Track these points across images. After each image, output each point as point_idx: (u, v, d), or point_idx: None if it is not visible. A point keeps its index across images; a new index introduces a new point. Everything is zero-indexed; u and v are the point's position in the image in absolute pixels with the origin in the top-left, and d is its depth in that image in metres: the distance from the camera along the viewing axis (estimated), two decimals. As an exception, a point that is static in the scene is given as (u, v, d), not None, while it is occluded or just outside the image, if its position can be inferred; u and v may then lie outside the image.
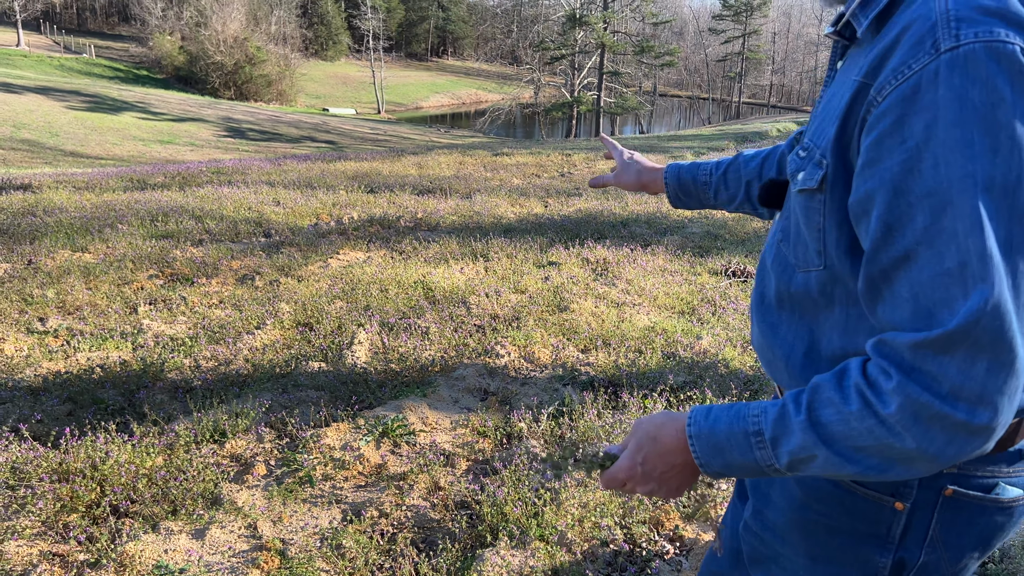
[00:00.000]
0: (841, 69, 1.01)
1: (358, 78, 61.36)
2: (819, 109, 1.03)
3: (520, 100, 46.04)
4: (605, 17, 38.75)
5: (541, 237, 6.91)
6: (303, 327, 4.45)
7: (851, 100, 0.88)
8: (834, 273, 0.97)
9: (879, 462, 0.84)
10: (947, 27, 0.79)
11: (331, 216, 7.85)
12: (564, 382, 3.74)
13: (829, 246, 0.95)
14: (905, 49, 0.82)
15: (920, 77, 0.79)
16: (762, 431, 0.91)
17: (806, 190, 0.96)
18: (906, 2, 0.88)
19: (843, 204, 0.92)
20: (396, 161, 14.11)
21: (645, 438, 1.04)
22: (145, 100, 36.47)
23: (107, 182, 10.32)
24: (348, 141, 31.90)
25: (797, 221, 1.01)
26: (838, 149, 0.91)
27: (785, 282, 1.06)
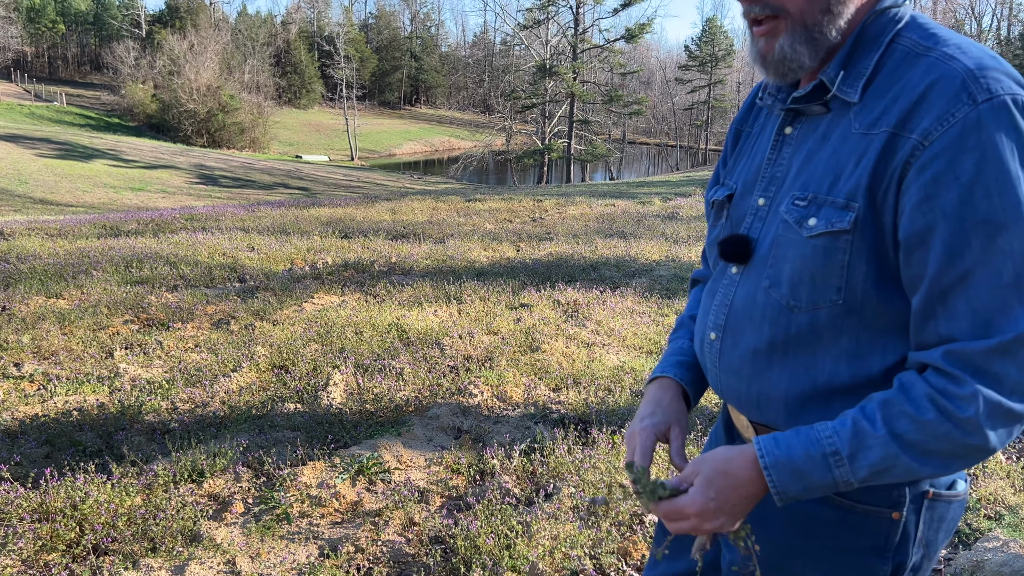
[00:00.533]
0: (814, 132, 1.12)
1: (331, 126, 61.85)
2: (797, 164, 1.12)
3: (492, 147, 46.60)
4: (574, 68, 39.61)
5: (513, 280, 7.05)
6: (279, 370, 4.51)
7: (883, 148, 1.00)
8: (851, 305, 1.06)
9: (946, 460, 0.98)
10: (977, 84, 0.96)
11: (305, 261, 7.94)
12: (536, 420, 3.84)
13: (854, 280, 1.04)
14: (943, 101, 0.96)
15: (964, 124, 0.94)
16: (839, 450, 1.00)
17: (830, 232, 1.04)
18: (886, 70, 1.05)
19: (873, 240, 1.03)
20: (370, 207, 14.26)
21: (714, 473, 1.07)
22: (116, 148, 36.45)
23: (80, 229, 10.34)
24: (321, 188, 32.05)
25: (803, 265, 1.07)
26: (869, 193, 1.02)
27: (783, 326, 1.11)
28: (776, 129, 1.19)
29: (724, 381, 1.24)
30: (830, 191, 1.05)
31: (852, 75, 1.07)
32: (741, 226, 1.21)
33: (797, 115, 1.16)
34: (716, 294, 1.25)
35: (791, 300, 1.10)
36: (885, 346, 1.07)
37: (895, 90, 1.02)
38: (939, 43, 1.03)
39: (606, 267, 7.93)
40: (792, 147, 1.15)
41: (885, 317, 1.07)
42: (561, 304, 6.20)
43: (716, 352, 1.23)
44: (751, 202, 1.20)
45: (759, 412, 1.20)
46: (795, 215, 1.08)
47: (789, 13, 1.06)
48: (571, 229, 11.11)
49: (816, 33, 1.07)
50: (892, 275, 1.04)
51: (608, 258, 8.45)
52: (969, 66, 0.97)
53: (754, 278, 1.16)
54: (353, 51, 63.88)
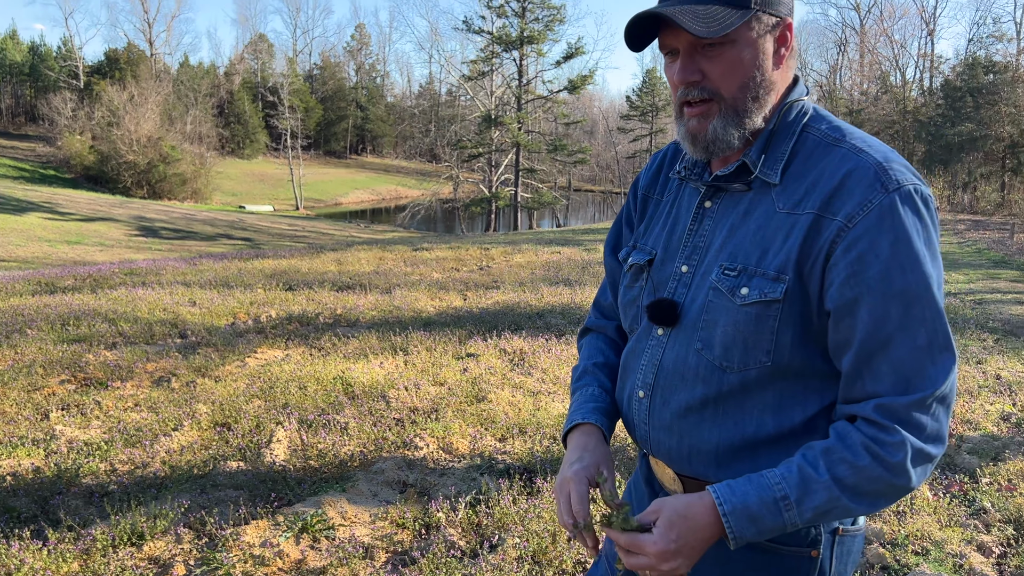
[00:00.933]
0: (735, 207, 1.24)
1: (276, 175, 61.50)
2: (721, 236, 1.23)
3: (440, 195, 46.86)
4: (519, 118, 40.33)
5: (460, 330, 7.09)
6: (221, 427, 4.46)
7: (808, 228, 1.13)
8: (778, 365, 1.17)
9: (875, 500, 1.12)
10: (887, 175, 1.11)
11: (248, 315, 7.87)
12: (482, 471, 3.87)
13: (782, 343, 1.16)
14: (860, 189, 1.10)
15: (880, 209, 1.09)
16: (788, 495, 1.10)
17: (763, 301, 1.15)
18: (801, 156, 1.19)
19: (799, 308, 1.15)
20: (315, 258, 14.20)
21: (676, 517, 1.13)
22: (52, 200, 35.64)
23: (13, 286, 10.07)
24: (266, 238, 31.75)
25: (735, 330, 1.18)
26: (797, 267, 1.14)
27: (715, 385, 1.21)
28: (697, 203, 1.30)
29: (654, 437, 1.31)
30: (759, 263, 1.17)
31: (772, 159, 1.20)
32: (664, 290, 1.30)
33: (717, 191, 1.28)
34: (642, 354, 1.33)
35: (723, 361, 1.20)
36: (805, 399, 1.20)
37: (813, 175, 1.16)
38: (846, 135, 1.18)
39: (552, 315, 8.04)
40: (713, 220, 1.27)
41: (806, 374, 1.19)
42: (507, 353, 6.27)
43: (645, 410, 1.31)
44: (674, 268, 1.30)
45: (689, 466, 1.28)
46: (727, 284, 1.19)
47: (724, 99, 1.19)
48: (518, 277, 11.24)
49: (746, 118, 1.19)
50: (813, 337, 1.17)
51: (554, 306, 8.56)
52: (878, 159, 1.13)
53: (684, 340, 1.25)
54: (298, 101, 63.90)
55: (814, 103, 1.27)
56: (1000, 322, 7.88)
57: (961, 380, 5.54)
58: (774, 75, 1.20)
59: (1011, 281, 11.13)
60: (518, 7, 40.59)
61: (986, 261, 13.77)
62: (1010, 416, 4.78)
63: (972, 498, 3.61)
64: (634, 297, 1.37)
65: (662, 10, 1.13)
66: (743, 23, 1.14)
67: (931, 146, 36.19)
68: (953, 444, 4.31)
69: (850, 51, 50.63)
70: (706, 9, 1.13)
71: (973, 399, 5.12)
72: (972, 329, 7.39)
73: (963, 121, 34.37)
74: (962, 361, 6.14)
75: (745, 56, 1.17)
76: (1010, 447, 4.24)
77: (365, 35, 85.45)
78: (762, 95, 1.19)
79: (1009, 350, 6.63)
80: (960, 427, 4.59)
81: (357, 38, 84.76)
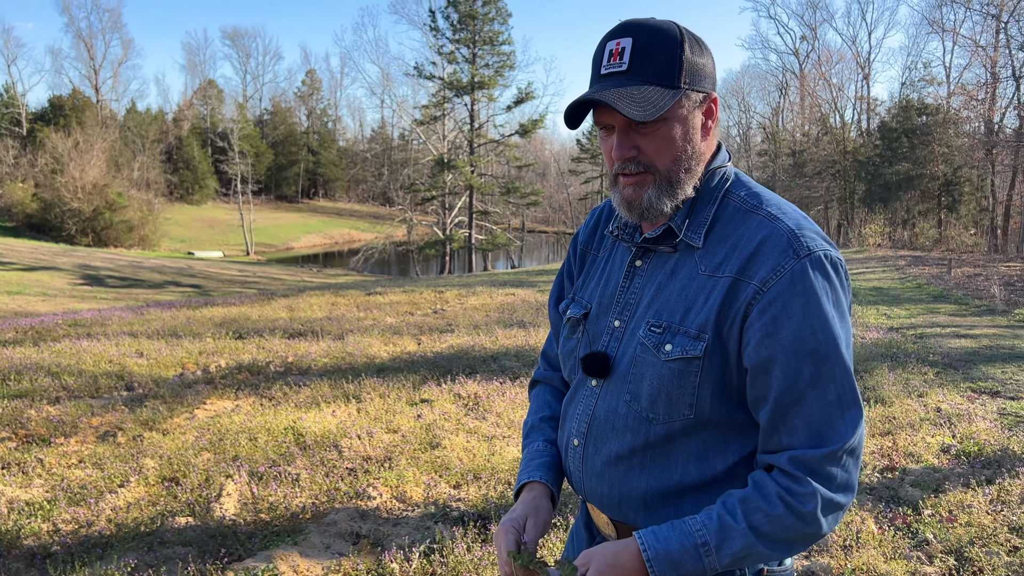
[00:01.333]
0: (662, 267, 1.31)
1: (226, 220, 60.81)
2: (649, 294, 1.30)
3: (393, 238, 46.78)
4: (472, 161, 40.68)
5: (414, 375, 7.07)
6: (169, 482, 4.37)
7: (727, 290, 1.21)
8: (700, 418, 1.24)
9: (789, 546, 1.19)
10: (798, 242, 1.19)
11: (197, 365, 7.74)
12: (436, 519, 3.85)
13: (703, 397, 1.23)
14: (774, 256, 1.19)
15: (792, 274, 1.17)
16: (708, 542, 1.17)
17: (685, 358, 1.23)
18: (722, 221, 1.27)
19: (719, 365, 1.22)
20: (266, 304, 14.04)
21: (604, 565, 1.20)
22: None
23: (-50, 339, 9.74)
24: (215, 284, 31.27)
25: (660, 384, 1.26)
26: (716, 327, 1.21)
27: (642, 435, 1.28)
28: (628, 261, 1.38)
29: (588, 484, 1.38)
30: (682, 322, 1.25)
31: (696, 223, 1.29)
32: (598, 343, 1.38)
33: (647, 251, 1.35)
34: (577, 404, 1.40)
35: (650, 413, 1.27)
36: (727, 449, 1.27)
37: (732, 240, 1.25)
38: (763, 203, 1.27)
39: (506, 357, 8.07)
40: (643, 278, 1.35)
41: (726, 425, 1.26)
42: (462, 397, 6.26)
43: (579, 457, 1.38)
44: (607, 322, 1.37)
45: (620, 512, 1.34)
46: (652, 340, 1.27)
47: (658, 171, 1.26)
48: (472, 320, 11.26)
49: (678, 188, 1.28)
50: (732, 392, 1.25)
51: (509, 348, 8.59)
52: (791, 226, 1.22)
53: (615, 392, 1.33)
54: (248, 146, 63.51)
55: (735, 168, 1.36)
56: (940, 355, 8.14)
57: (903, 414, 5.70)
58: (702, 146, 1.29)
59: (949, 315, 11.51)
60: (468, 53, 41.23)
61: (926, 296, 14.22)
62: (950, 448, 4.93)
63: (915, 530, 3.70)
64: (572, 348, 1.44)
65: (601, 97, 1.19)
66: (675, 102, 1.22)
67: (871, 185, 37.46)
68: (896, 477, 4.43)
69: (791, 94, 52.41)
70: (640, 92, 1.20)
71: (915, 432, 5.27)
72: (913, 363, 7.62)
73: (900, 161, 35.70)
74: (904, 395, 6.32)
75: (677, 132, 1.25)
76: (950, 478, 4.37)
77: (316, 80, 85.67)
78: (693, 166, 1.28)
79: (949, 383, 6.84)
80: (903, 460, 4.72)
81: (308, 83, 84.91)
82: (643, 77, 1.21)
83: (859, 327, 9.93)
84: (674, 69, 1.22)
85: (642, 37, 1.22)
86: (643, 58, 1.21)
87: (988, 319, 11.03)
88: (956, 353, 8.29)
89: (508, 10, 41.44)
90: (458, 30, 40.94)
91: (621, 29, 1.24)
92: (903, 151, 35.81)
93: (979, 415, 5.70)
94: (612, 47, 1.24)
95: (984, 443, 5.00)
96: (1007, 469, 4.48)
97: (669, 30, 1.23)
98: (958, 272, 18.93)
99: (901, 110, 37.75)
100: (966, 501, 4.01)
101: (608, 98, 1.19)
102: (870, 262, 23.20)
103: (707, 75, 1.26)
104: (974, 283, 16.37)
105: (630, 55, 1.22)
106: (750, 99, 58.08)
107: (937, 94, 39.56)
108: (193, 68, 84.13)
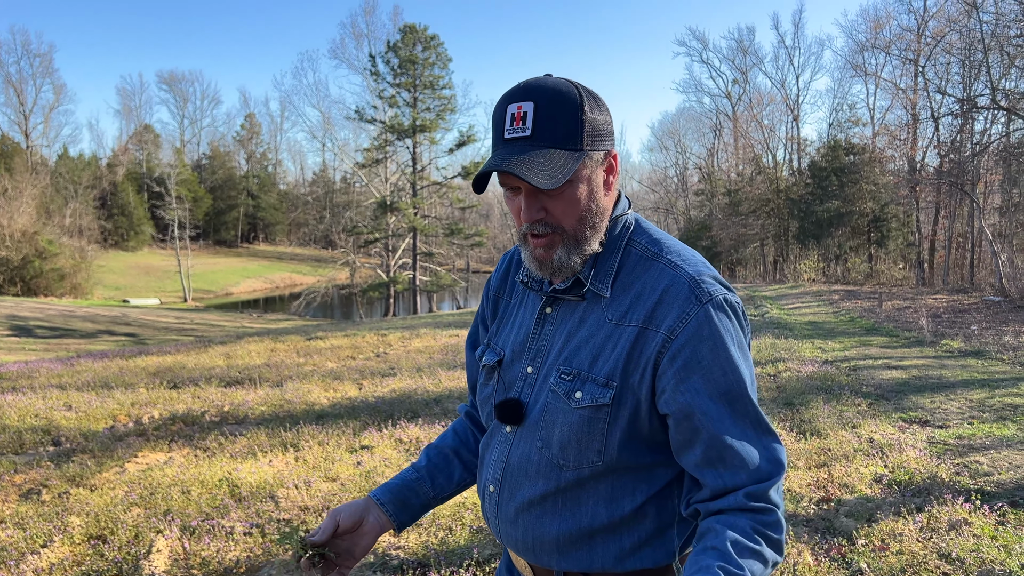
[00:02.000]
0: (572, 315, 1.34)
1: (162, 267, 59.47)
2: (560, 341, 1.33)
3: (336, 281, 46.33)
4: (415, 203, 40.72)
5: (354, 420, 6.96)
6: (96, 540, 4.19)
7: (635, 339, 1.24)
8: (608, 463, 1.26)
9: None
10: (699, 288, 1.23)
11: (130, 417, 7.49)
12: (375, 569, 3.76)
13: (611, 443, 1.25)
14: (679, 304, 1.22)
15: (697, 320, 1.21)
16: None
17: (594, 405, 1.25)
18: (626, 269, 1.31)
19: (628, 412, 1.24)
20: (203, 352, 13.70)
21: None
22: (-87, 301, 33.14)
23: None
24: (151, 333, 30.42)
25: (571, 431, 1.27)
26: (624, 374, 1.24)
27: (554, 480, 1.30)
28: (539, 309, 1.40)
29: (504, 529, 1.39)
30: (591, 369, 1.27)
31: (601, 273, 1.32)
32: (512, 389, 1.40)
33: (556, 299, 1.38)
34: (493, 450, 1.42)
35: (561, 459, 1.29)
36: (635, 490, 1.29)
37: (636, 288, 1.28)
38: (663, 250, 1.31)
39: (449, 400, 8.00)
40: (553, 325, 1.37)
41: (634, 469, 1.29)
42: (404, 442, 6.18)
43: (495, 503, 1.39)
44: (520, 369, 1.39)
45: (535, 556, 1.35)
46: (563, 388, 1.29)
47: (565, 231, 1.29)
48: (415, 363, 11.17)
49: (585, 245, 1.31)
50: (641, 437, 1.27)
51: (452, 390, 8.53)
52: (691, 273, 1.26)
53: (528, 438, 1.34)
54: (186, 191, 62.56)
55: (635, 213, 1.40)
56: (872, 387, 8.37)
57: (838, 445, 5.82)
58: (605, 201, 1.32)
59: (881, 347, 11.87)
60: (409, 97, 41.55)
61: (859, 329, 14.65)
62: (882, 477, 5.05)
63: (850, 560, 3.77)
64: (488, 395, 1.46)
65: (509, 168, 1.21)
66: (579, 165, 1.25)
67: (803, 222, 38.65)
68: (832, 508, 4.51)
69: (725, 135, 53.97)
70: (546, 159, 1.22)
71: (849, 463, 5.38)
72: (847, 395, 7.82)
73: (830, 198, 36.97)
74: (839, 426, 6.46)
75: (581, 192, 1.27)
76: (882, 508, 4.47)
77: (256, 124, 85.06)
78: (597, 223, 1.31)
79: (881, 413, 7.03)
80: (838, 491, 4.81)
81: (247, 127, 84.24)
82: (547, 142, 1.22)
83: (795, 360, 10.16)
84: (576, 132, 1.23)
85: (543, 101, 1.23)
86: (546, 123, 1.22)
87: (917, 350, 11.41)
88: (888, 384, 8.53)
89: (448, 55, 42.01)
90: (399, 74, 41.27)
91: (522, 92, 1.25)
92: (833, 189, 37.12)
93: (909, 444, 5.87)
94: (514, 110, 1.24)
95: (914, 472, 5.13)
96: (935, 496, 4.60)
97: (569, 92, 1.24)
98: (889, 305, 19.57)
99: (830, 150, 39.19)
100: (897, 530, 4.10)
101: (516, 168, 1.20)
102: (805, 297, 23.84)
103: (606, 132, 1.28)
104: (904, 315, 16.95)
105: (532, 120, 1.23)
106: (686, 140, 59.58)
107: (863, 134, 41.28)
108: (128, 113, 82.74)
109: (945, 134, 33.91)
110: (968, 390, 8.05)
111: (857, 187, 36.35)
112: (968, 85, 31.32)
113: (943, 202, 33.87)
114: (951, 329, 14.07)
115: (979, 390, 8.02)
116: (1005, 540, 3.95)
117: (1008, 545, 3.88)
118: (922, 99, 35.70)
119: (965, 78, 31.66)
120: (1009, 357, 10.21)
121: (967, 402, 7.45)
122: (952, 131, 32.12)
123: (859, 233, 38.20)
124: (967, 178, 26.87)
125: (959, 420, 6.71)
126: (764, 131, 48.68)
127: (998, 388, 8.12)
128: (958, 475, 5.09)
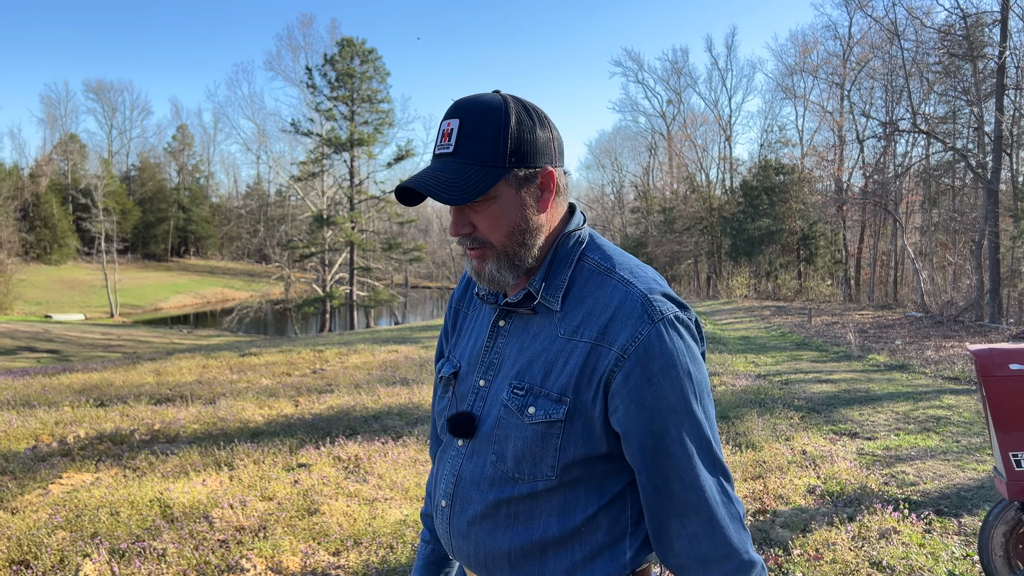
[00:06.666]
0: (524, 328, 1.34)
1: (88, 281, 57.41)
2: (512, 354, 1.33)
3: (270, 297, 45.46)
4: (352, 217, 40.32)
5: (291, 438, 6.82)
6: (18, 565, 3.99)
7: (587, 355, 1.23)
8: (562, 477, 1.26)
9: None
10: (652, 306, 1.23)
11: (53, 436, 7.18)
12: (314, 589, 3.68)
13: (565, 458, 1.25)
14: (632, 322, 1.22)
15: (648, 339, 1.21)
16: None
17: (548, 421, 1.25)
18: (578, 284, 1.30)
19: (581, 427, 1.24)
20: (131, 369, 13.25)
21: None
22: None
23: None
24: (75, 349, 29.28)
25: (525, 446, 1.27)
26: (576, 390, 1.24)
27: (507, 494, 1.29)
28: (492, 321, 1.40)
29: (456, 544, 1.37)
30: (543, 384, 1.27)
31: (552, 287, 1.31)
32: (465, 402, 1.39)
33: (509, 312, 1.38)
34: (445, 464, 1.41)
35: (515, 473, 1.29)
36: (586, 502, 1.29)
37: (589, 303, 1.28)
38: (616, 266, 1.31)
39: (389, 416, 7.91)
40: (506, 338, 1.37)
41: (585, 480, 1.29)
42: (342, 460, 6.08)
43: (447, 518, 1.38)
44: (473, 381, 1.38)
45: (487, 571, 1.34)
46: (516, 403, 1.29)
47: (494, 246, 1.30)
48: (353, 379, 11.01)
49: (516, 261, 1.31)
50: (594, 452, 1.27)
51: (391, 407, 8.44)
52: (644, 291, 1.26)
53: (481, 452, 1.33)
54: (113, 203, 60.62)
55: (590, 229, 1.41)
56: (804, 400, 8.61)
57: (772, 457, 5.96)
58: (540, 219, 1.31)
59: (811, 361, 12.23)
60: (347, 111, 41.23)
61: (789, 344, 15.07)
62: (815, 488, 5.19)
63: (786, 570, 3.85)
64: (443, 408, 1.45)
65: (417, 185, 1.22)
66: (501, 180, 1.25)
67: (736, 239, 39.64)
68: (768, 519, 4.61)
69: (660, 154, 55.05)
70: (459, 176, 1.22)
71: (783, 475, 5.51)
72: (780, 408, 8.02)
73: (761, 217, 38.02)
74: (773, 439, 6.62)
75: (506, 208, 1.27)
76: (816, 518, 4.59)
77: (188, 136, 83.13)
78: (528, 240, 1.31)
79: (812, 426, 7.23)
80: (773, 502, 4.92)
81: (179, 139, 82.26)
82: (466, 158, 1.23)
83: (729, 375, 10.38)
84: (498, 148, 1.23)
85: (468, 118, 1.24)
86: (467, 140, 1.24)
87: (846, 364, 11.79)
88: (818, 397, 8.79)
89: (386, 69, 41.91)
90: (336, 88, 40.94)
91: (454, 109, 1.27)
92: (764, 208, 38.19)
93: (840, 456, 6.05)
94: (444, 127, 1.27)
95: (845, 482, 5.29)
96: (866, 506, 4.75)
97: (496, 109, 1.25)
98: (817, 320, 20.18)
99: (761, 169, 40.36)
100: (831, 539, 4.21)
101: (424, 185, 1.22)
102: (738, 312, 24.41)
103: (539, 149, 1.28)
104: (832, 331, 17.50)
105: (456, 136, 1.24)
106: (622, 158, 60.52)
107: (792, 155, 42.70)
108: (53, 122, 79.85)
109: (869, 156, 35.36)
110: (894, 402, 8.35)
111: (787, 206, 37.48)
112: (891, 109, 32.73)
113: (868, 221, 35.21)
114: (877, 344, 14.60)
115: (904, 402, 8.33)
116: (932, 547, 4.10)
117: (935, 552, 4.03)
118: (848, 122, 37.14)
119: (888, 102, 33.10)
120: (931, 370, 10.64)
121: (893, 414, 7.73)
122: (876, 153, 33.54)
123: (789, 250, 39.35)
124: (890, 198, 28.03)
125: (886, 432, 6.95)
126: (698, 150, 49.86)
127: (921, 400, 8.44)
128: (886, 485, 5.26)
